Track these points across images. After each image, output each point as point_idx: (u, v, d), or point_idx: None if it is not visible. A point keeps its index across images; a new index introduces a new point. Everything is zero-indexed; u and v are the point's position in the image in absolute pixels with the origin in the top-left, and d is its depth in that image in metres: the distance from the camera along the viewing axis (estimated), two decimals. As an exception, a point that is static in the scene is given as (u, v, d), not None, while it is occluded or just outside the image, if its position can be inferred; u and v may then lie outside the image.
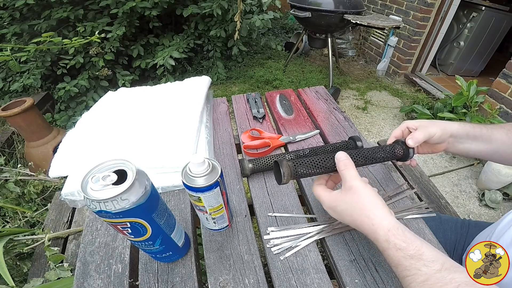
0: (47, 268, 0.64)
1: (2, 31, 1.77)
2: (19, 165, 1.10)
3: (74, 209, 0.78)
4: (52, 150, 1.40)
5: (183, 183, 0.34)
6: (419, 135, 0.44)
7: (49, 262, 0.61)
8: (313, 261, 0.40)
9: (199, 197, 0.35)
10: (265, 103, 0.78)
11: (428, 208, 0.47)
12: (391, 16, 2.40)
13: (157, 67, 1.94)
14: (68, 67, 1.74)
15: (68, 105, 1.88)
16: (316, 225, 0.45)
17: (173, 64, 1.88)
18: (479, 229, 0.55)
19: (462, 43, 2.36)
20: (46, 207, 1.00)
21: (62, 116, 1.85)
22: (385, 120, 2.03)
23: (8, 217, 1.04)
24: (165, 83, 0.78)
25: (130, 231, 0.30)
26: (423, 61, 2.44)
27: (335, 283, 0.40)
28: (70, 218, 0.76)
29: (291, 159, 0.40)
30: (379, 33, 2.67)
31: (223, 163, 0.58)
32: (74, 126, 0.60)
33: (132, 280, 0.39)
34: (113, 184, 0.27)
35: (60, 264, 0.62)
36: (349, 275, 0.38)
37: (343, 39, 2.95)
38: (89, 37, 1.46)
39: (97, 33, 1.48)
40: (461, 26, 2.35)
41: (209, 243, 0.43)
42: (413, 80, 2.40)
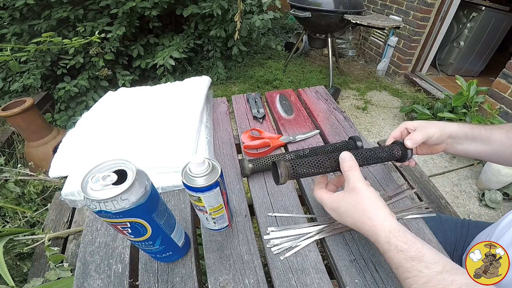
0: (47, 268, 0.64)
1: (2, 31, 1.77)
2: (19, 165, 1.10)
3: (74, 209, 0.78)
4: (52, 150, 1.40)
5: (183, 183, 0.34)
6: (418, 136, 0.44)
7: (49, 262, 0.61)
8: (313, 261, 0.40)
9: (199, 197, 0.35)
10: (265, 103, 0.78)
11: (428, 208, 0.47)
12: (391, 16, 2.40)
13: (157, 67, 1.94)
14: (68, 67, 1.74)
15: (68, 105, 1.88)
16: (316, 225, 0.45)
17: (173, 64, 1.89)
18: (479, 229, 0.55)
19: (462, 43, 2.36)
20: (46, 207, 1.00)
21: (62, 116, 1.85)
22: (385, 120, 2.03)
23: (8, 217, 1.04)
24: (165, 83, 0.78)
25: (130, 231, 0.30)
26: (423, 61, 2.44)
27: (335, 283, 0.40)
28: (70, 218, 0.76)
29: (290, 159, 0.40)
30: (379, 33, 2.67)
31: (223, 163, 0.58)
32: (74, 126, 0.60)
33: (132, 280, 0.39)
34: (113, 184, 0.27)
35: (60, 264, 0.62)
36: (349, 275, 0.38)
37: (343, 39, 2.95)
38: (89, 37, 1.46)
39: (97, 33, 1.48)
40: (461, 26, 2.35)
41: (209, 243, 0.43)
42: (413, 80, 2.40)
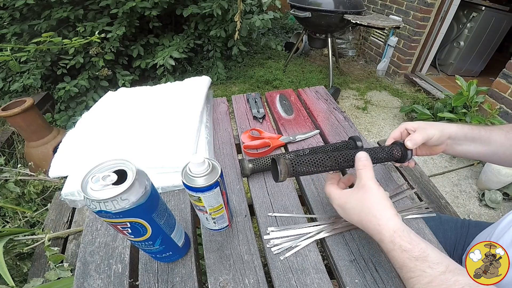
0: (47, 268, 0.64)
1: (2, 31, 1.77)
2: (19, 165, 1.10)
3: (74, 209, 0.78)
4: (52, 150, 1.40)
5: (183, 183, 0.34)
6: (418, 137, 0.44)
7: (49, 262, 0.61)
8: (313, 261, 0.40)
9: (199, 197, 0.35)
10: (265, 103, 0.78)
11: (428, 208, 0.47)
12: (391, 16, 2.40)
13: (157, 67, 1.94)
14: (68, 67, 1.74)
15: (68, 105, 1.88)
16: (316, 225, 0.45)
17: (173, 64, 1.89)
18: (479, 229, 0.55)
19: (462, 43, 2.36)
20: (46, 207, 1.00)
21: (62, 116, 1.85)
22: (385, 120, 2.03)
23: (8, 217, 1.04)
24: (165, 83, 0.78)
25: (130, 231, 0.30)
26: (423, 61, 2.44)
27: (335, 283, 0.40)
28: (70, 218, 0.76)
29: (290, 158, 0.40)
30: (379, 33, 2.67)
31: (223, 163, 0.58)
32: (74, 126, 0.60)
33: (132, 280, 0.39)
34: (113, 184, 0.27)
35: (60, 264, 0.62)
36: (349, 275, 0.38)
37: (343, 39, 2.95)
38: (89, 37, 1.46)
39: (97, 33, 1.48)
40: (461, 26, 2.35)
41: (209, 243, 0.43)
42: (413, 80, 2.40)
